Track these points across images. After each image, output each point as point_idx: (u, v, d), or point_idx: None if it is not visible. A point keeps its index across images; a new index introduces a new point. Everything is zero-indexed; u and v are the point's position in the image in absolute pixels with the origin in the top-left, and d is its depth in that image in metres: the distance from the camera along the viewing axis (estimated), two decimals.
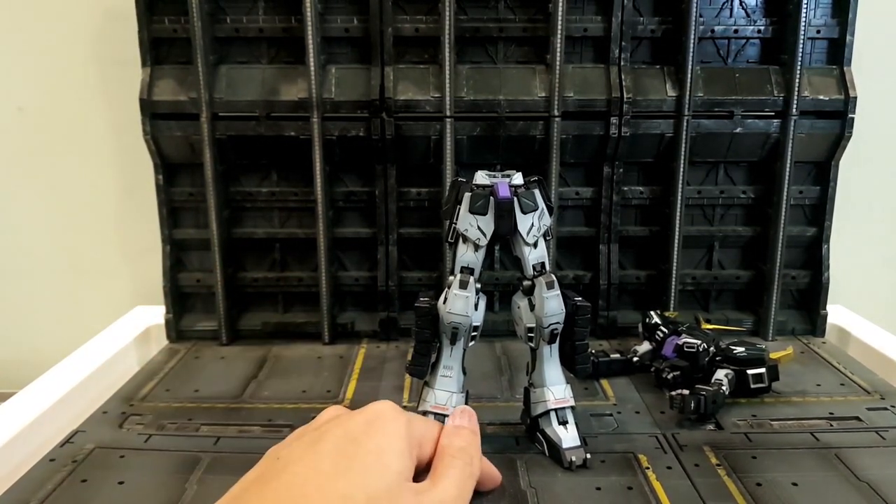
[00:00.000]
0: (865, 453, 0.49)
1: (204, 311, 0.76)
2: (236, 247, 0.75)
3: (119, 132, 0.83)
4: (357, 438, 0.33)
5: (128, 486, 0.46)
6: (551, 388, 0.49)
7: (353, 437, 0.33)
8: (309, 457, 0.32)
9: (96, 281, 0.89)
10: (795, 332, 0.75)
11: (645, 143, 0.71)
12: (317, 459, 0.32)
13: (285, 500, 0.30)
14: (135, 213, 0.85)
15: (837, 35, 0.70)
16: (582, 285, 0.75)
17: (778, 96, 0.70)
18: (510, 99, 0.69)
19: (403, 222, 0.74)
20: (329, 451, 0.32)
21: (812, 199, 0.74)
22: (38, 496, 0.44)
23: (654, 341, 0.63)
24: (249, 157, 0.73)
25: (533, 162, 0.71)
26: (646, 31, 0.71)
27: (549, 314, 0.47)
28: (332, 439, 0.33)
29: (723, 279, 0.76)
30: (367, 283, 0.75)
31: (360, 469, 0.32)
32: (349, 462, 0.32)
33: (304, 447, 0.33)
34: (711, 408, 0.54)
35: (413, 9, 0.70)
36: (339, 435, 0.33)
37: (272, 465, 0.33)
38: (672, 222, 0.72)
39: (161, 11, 0.69)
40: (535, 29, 0.70)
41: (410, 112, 0.69)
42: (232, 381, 0.64)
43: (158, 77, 0.70)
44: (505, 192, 0.46)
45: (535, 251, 0.48)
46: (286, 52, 0.71)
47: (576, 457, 0.47)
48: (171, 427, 0.55)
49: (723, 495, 0.44)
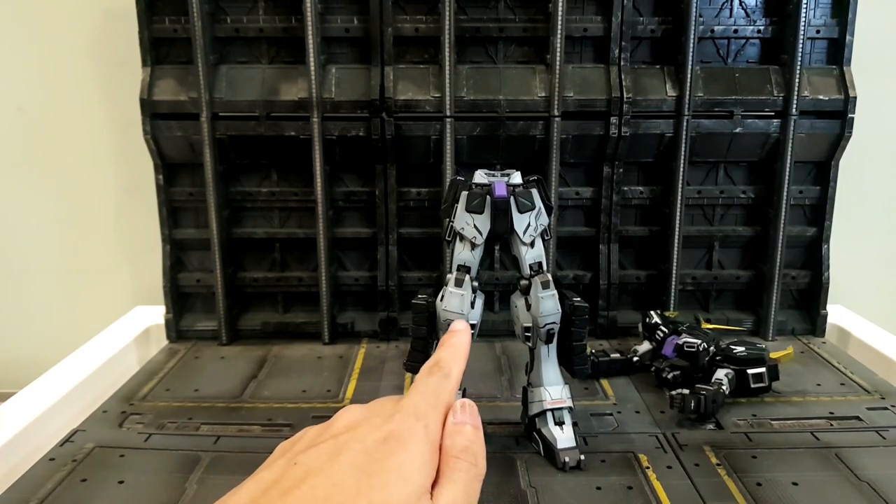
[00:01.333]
0: (865, 453, 0.49)
1: (204, 311, 0.76)
2: (236, 247, 0.75)
3: (119, 132, 0.83)
4: (378, 458, 0.33)
5: (128, 485, 0.46)
6: (548, 389, 0.49)
7: (375, 457, 0.33)
8: (329, 470, 0.32)
9: (96, 281, 0.89)
10: (795, 332, 0.75)
11: (645, 143, 0.71)
12: (338, 474, 0.32)
13: None
14: (135, 213, 0.85)
15: (837, 35, 0.70)
16: (582, 285, 0.75)
17: (778, 96, 0.70)
18: (510, 99, 0.69)
19: (403, 222, 0.74)
20: (350, 467, 0.32)
21: (812, 199, 0.74)
22: (39, 495, 0.44)
23: (655, 341, 0.63)
24: (249, 156, 0.73)
25: (533, 162, 0.71)
26: (646, 31, 0.71)
27: (544, 314, 0.47)
28: (351, 455, 0.33)
29: (723, 279, 0.76)
30: (367, 282, 0.75)
31: (379, 485, 0.32)
32: (370, 480, 0.32)
33: (323, 457, 0.33)
34: (711, 407, 0.54)
35: (413, 9, 0.70)
36: (358, 450, 0.33)
37: (290, 469, 0.33)
38: (672, 222, 0.72)
39: (161, 11, 0.69)
40: (535, 29, 0.70)
41: (410, 112, 0.69)
42: (232, 380, 0.64)
43: (159, 77, 0.70)
44: (501, 190, 0.46)
45: (532, 250, 0.48)
46: (286, 52, 0.71)
47: (569, 458, 0.47)
48: (171, 426, 0.55)
49: (723, 495, 0.44)
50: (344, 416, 0.37)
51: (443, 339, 0.40)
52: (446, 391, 0.38)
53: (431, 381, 0.38)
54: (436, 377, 0.39)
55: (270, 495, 0.31)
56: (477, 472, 0.38)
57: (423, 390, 0.38)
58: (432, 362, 0.40)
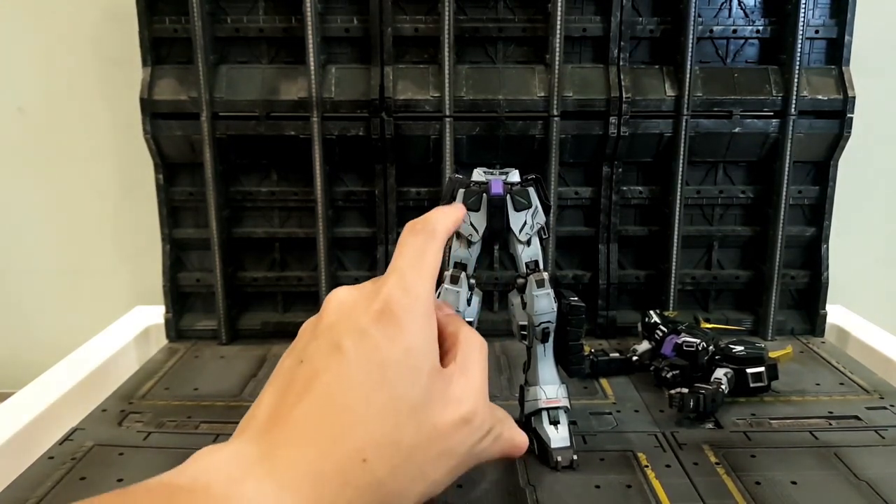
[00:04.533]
0: (865, 452, 0.49)
1: (203, 311, 0.76)
2: (236, 246, 0.75)
3: (119, 132, 0.83)
4: (379, 345, 0.31)
5: (127, 483, 0.45)
6: (544, 388, 0.49)
7: (376, 344, 0.31)
8: (336, 366, 0.31)
9: (96, 281, 0.89)
10: (795, 332, 0.75)
11: (644, 143, 0.71)
12: (346, 369, 0.31)
13: (330, 415, 0.29)
14: (135, 213, 0.85)
15: (836, 35, 0.70)
16: (581, 285, 0.75)
17: (777, 96, 0.70)
18: (509, 99, 0.69)
19: (403, 222, 0.72)
20: (354, 360, 0.31)
21: (811, 199, 0.74)
22: (37, 493, 0.44)
23: (654, 340, 0.63)
24: (249, 156, 0.73)
25: (532, 162, 0.72)
26: (645, 31, 0.71)
27: (539, 312, 0.47)
28: (351, 345, 0.31)
29: (722, 279, 0.76)
30: None
31: (393, 378, 0.31)
32: (381, 372, 0.31)
33: (324, 353, 0.32)
34: (711, 406, 0.53)
35: (413, 9, 0.70)
36: (358, 338, 0.32)
37: (298, 370, 0.32)
38: (671, 222, 0.72)
39: (161, 11, 0.69)
40: (534, 29, 0.70)
41: (410, 112, 0.70)
42: (231, 379, 0.64)
43: (159, 77, 0.70)
44: (497, 188, 0.46)
45: (528, 249, 0.48)
46: (286, 51, 0.71)
47: (562, 457, 0.47)
48: (170, 425, 0.55)
49: (722, 494, 0.44)
50: (332, 300, 0.35)
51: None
52: (431, 252, 0.36)
53: (416, 241, 0.36)
54: (420, 237, 0.37)
55: (289, 400, 0.31)
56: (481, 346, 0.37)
57: (406, 253, 0.36)
58: (418, 220, 0.38)
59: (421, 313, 0.33)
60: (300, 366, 0.32)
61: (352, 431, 0.30)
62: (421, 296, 0.34)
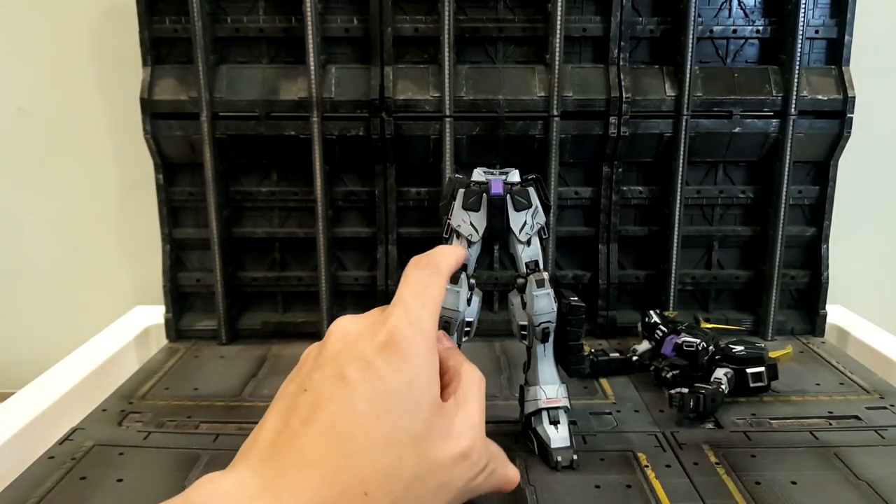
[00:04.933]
0: (864, 452, 0.49)
1: (204, 311, 0.76)
2: (236, 246, 0.75)
3: (119, 132, 0.83)
4: (383, 376, 0.32)
5: (127, 483, 0.46)
6: (544, 388, 0.49)
7: (380, 375, 0.32)
8: (340, 395, 0.31)
9: (96, 281, 0.89)
10: (795, 332, 0.75)
11: (644, 143, 0.71)
12: (350, 398, 0.31)
13: (334, 443, 0.30)
14: (135, 213, 0.85)
15: (836, 35, 0.70)
16: (581, 285, 0.75)
17: (777, 96, 0.70)
18: (509, 99, 0.69)
19: (403, 222, 0.74)
20: (358, 390, 0.31)
21: (811, 199, 0.74)
22: (38, 493, 0.44)
23: (654, 340, 0.63)
24: (249, 156, 0.73)
25: (532, 161, 0.72)
26: (645, 31, 0.71)
27: (538, 312, 0.47)
28: (356, 375, 0.32)
29: (722, 279, 0.76)
30: (367, 282, 0.75)
31: (396, 410, 0.31)
32: (384, 403, 0.31)
33: (329, 382, 0.32)
34: (711, 406, 0.54)
35: (413, 9, 0.70)
36: (362, 367, 0.32)
37: (301, 397, 0.32)
38: (671, 222, 0.72)
39: (161, 11, 0.69)
40: (534, 29, 0.70)
41: (410, 112, 0.70)
42: (231, 379, 0.64)
43: (159, 77, 0.70)
44: (497, 188, 0.46)
45: (528, 249, 0.48)
46: (286, 51, 0.71)
47: (562, 457, 0.47)
48: (170, 424, 0.55)
49: (722, 494, 0.44)
50: (336, 328, 0.36)
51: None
52: (435, 286, 0.37)
53: (421, 275, 0.37)
54: (426, 270, 0.37)
55: (292, 427, 0.31)
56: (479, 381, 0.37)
57: (411, 284, 0.36)
58: (422, 255, 0.38)
59: (424, 346, 0.34)
60: (304, 394, 0.32)
61: (355, 461, 0.30)
62: (425, 328, 0.35)
